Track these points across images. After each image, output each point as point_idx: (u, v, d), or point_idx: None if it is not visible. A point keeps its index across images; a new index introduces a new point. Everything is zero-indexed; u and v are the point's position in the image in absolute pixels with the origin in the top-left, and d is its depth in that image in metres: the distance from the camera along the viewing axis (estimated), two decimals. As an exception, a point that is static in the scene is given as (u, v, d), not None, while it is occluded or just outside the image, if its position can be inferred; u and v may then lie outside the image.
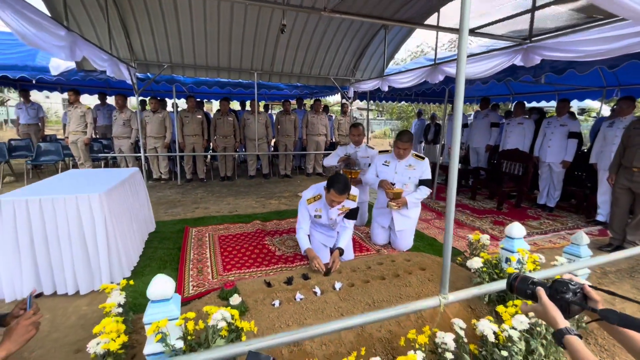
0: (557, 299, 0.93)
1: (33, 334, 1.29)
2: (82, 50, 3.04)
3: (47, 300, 2.29)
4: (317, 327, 1.13)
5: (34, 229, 2.17)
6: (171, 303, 1.34)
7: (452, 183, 1.40)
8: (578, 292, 0.93)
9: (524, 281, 1.02)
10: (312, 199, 2.77)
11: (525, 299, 1.01)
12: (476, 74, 3.72)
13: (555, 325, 0.88)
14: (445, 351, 1.44)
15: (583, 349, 0.81)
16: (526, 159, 5.10)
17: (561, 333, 0.85)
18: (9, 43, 5.34)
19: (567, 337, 0.84)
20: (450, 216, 1.32)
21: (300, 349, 1.65)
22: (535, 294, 0.97)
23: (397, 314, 1.23)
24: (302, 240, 2.74)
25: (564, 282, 0.94)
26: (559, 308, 0.91)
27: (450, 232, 1.30)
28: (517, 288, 1.03)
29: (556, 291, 0.94)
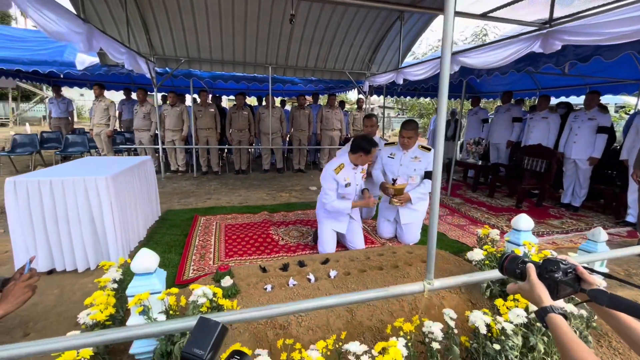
0: (546, 277, 0.86)
1: (29, 295, 1.35)
2: (99, 41, 3.16)
3: (56, 277, 2.41)
4: (289, 305, 1.11)
5: (45, 208, 2.28)
6: (154, 277, 1.36)
7: (437, 167, 1.32)
8: (570, 272, 0.85)
9: (513, 260, 0.95)
10: (338, 168, 2.78)
11: (515, 280, 0.94)
12: (491, 64, 3.55)
13: (539, 304, 0.82)
14: (433, 341, 1.37)
15: (566, 328, 0.75)
16: (549, 154, 4.82)
17: (544, 311, 0.79)
18: (39, 40, 5.69)
19: (550, 315, 0.78)
20: (436, 196, 1.25)
21: (286, 332, 1.63)
22: (524, 273, 0.90)
23: (375, 296, 1.19)
24: (341, 204, 2.79)
25: (555, 261, 0.87)
26: (546, 287, 0.84)
27: (436, 210, 1.23)
28: (506, 268, 0.97)
29: (545, 270, 0.87)
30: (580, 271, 0.85)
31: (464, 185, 6.28)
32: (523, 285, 0.89)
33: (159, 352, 1.34)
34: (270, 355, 1.22)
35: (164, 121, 6.15)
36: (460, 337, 1.48)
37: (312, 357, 1.17)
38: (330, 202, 2.77)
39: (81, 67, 5.42)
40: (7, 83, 16.29)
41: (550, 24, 3.13)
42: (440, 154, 1.32)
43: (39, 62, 5.25)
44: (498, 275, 1.38)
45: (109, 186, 2.36)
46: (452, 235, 3.57)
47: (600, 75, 5.76)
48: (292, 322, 1.68)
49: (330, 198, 2.77)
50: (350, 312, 1.79)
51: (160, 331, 1.02)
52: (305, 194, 5.26)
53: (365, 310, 1.81)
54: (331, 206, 2.77)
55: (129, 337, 1.01)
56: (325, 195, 2.79)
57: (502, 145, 6.13)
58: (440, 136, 1.31)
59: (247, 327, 1.63)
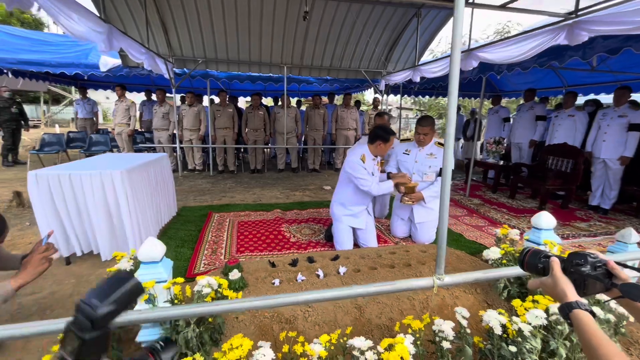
0: (571, 272, 0.79)
1: (46, 266, 1.39)
2: (119, 41, 3.27)
3: (74, 267, 2.50)
4: (290, 295, 1.08)
5: (67, 200, 2.37)
6: (160, 266, 1.36)
7: (447, 162, 1.26)
8: (599, 267, 0.78)
9: (536, 255, 0.89)
10: (362, 157, 2.78)
11: (537, 276, 0.87)
12: (512, 58, 3.40)
13: (563, 299, 0.75)
14: (443, 340, 1.31)
15: (593, 326, 0.68)
16: (575, 154, 4.58)
17: (569, 307, 0.72)
18: (66, 44, 5.97)
19: (575, 311, 0.71)
20: (446, 188, 1.19)
21: (292, 326, 1.60)
22: (547, 268, 0.83)
23: (380, 290, 1.13)
24: (384, 185, 2.82)
25: (582, 254, 0.80)
26: (572, 282, 0.77)
27: (446, 205, 1.17)
28: (527, 263, 0.90)
29: (571, 263, 0.80)
30: (611, 266, 0.77)
31: (484, 186, 6.07)
32: (546, 280, 0.82)
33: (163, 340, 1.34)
34: (273, 348, 1.19)
35: (182, 121, 6.29)
36: (474, 337, 1.40)
37: (315, 350, 1.14)
38: (372, 186, 2.74)
39: (104, 68, 5.64)
40: (39, 87, 17.17)
41: (576, 13, 2.97)
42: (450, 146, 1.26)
43: (65, 64, 5.51)
44: (516, 272, 1.30)
45: (124, 179, 2.41)
46: (470, 236, 3.44)
47: (632, 71, 5.43)
48: (298, 317, 1.65)
49: (369, 182, 2.74)
50: (358, 309, 1.74)
51: (157, 317, 1.01)
52: (319, 193, 5.23)
53: (374, 308, 1.76)
54: (377, 189, 2.77)
55: (128, 322, 1.01)
56: (364, 182, 2.74)
57: (525, 145, 5.88)
58: (450, 130, 1.24)
59: (253, 320, 1.61)
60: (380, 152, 2.81)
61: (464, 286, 1.96)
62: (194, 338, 1.33)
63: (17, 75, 6.05)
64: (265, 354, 1.11)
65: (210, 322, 1.41)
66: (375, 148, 2.78)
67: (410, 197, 2.94)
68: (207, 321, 1.40)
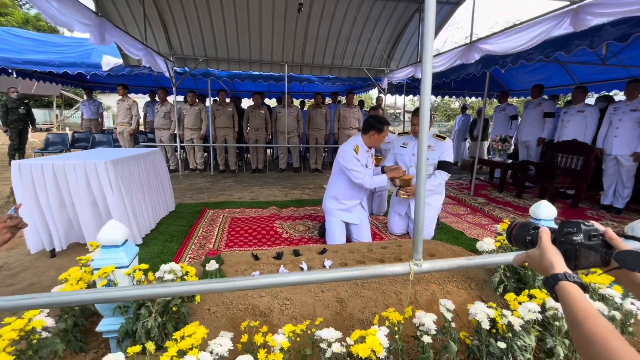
0: (562, 241, 0.67)
1: (8, 237, 1.32)
2: (111, 35, 3.25)
3: (57, 260, 2.44)
4: (247, 279, 0.98)
5: (49, 191, 2.33)
6: (121, 250, 1.28)
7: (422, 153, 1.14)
8: (594, 237, 0.66)
9: (524, 227, 0.77)
10: (356, 148, 2.69)
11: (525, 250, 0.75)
12: (516, 48, 3.26)
13: (549, 271, 0.63)
14: (424, 334, 1.18)
15: (580, 298, 0.56)
16: (586, 150, 4.38)
17: (555, 279, 0.61)
18: (70, 45, 6.07)
19: (561, 283, 0.60)
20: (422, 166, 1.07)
21: (267, 320, 1.50)
22: (535, 240, 0.72)
23: (351, 275, 1.02)
24: (378, 178, 2.71)
25: (575, 222, 0.68)
26: (562, 254, 0.66)
27: (423, 178, 1.05)
28: (515, 237, 0.79)
29: (561, 232, 0.68)
30: (609, 236, 0.64)
31: (490, 185, 5.88)
32: (532, 252, 0.71)
33: (123, 330, 1.25)
34: (234, 338, 1.09)
35: (183, 120, 6.29)
36: (460, 333, 1.27)
37: (277, 341, 1.03)
38: (365, 178, 2.64)
39: (106, 68, 5.69)
40: (51, 91, 17.59)
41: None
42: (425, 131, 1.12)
43: (68, 64, 5.57)
44: (506, 258, 1.17)
45: (109, 170, 2.36)
46: (471, 234, 3.29)
47: (646, 65, 5.21)
48: (274, 310, 1.55)
49: (362, 174, 2.64)
50: (340, 303, 1.63)
51: (104, 298, 0.92)
52: (318, 192, 5.13)
53: (357, 302, 1.64)
54: (371, 182, 2.66)
55: (78, 301, 0.92)
56: (357, 174, 2.63)
57: (533, 143, 5.67)
58: (425, 123, 1.13)
59: (226, 312, 1.52)
60: (374, 143, 2.70)
61: (457, 281, 1.83)
62: (155, 328, 1.24)
63: (23, 76, 6.14)
64: (222, 344, 1.01)
65: (174, 311, 1.32)
66: (369, 139, 2.68)
67: (406, 190, 2.82)
68: (172, 311, 1.31)
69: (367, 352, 1.00)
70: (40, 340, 1.15)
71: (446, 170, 2.84)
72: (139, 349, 1.00)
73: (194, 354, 0.94)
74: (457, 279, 1.84)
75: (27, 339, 1.11)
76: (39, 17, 23.94)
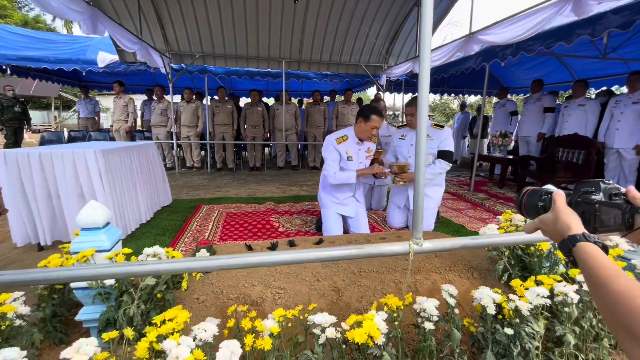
0: (579, 202, 0.60)
1: None
2: (104, 25, 3.19)
3: (46, 253, 2.36)
4: (236, 257, 0.90)
5: (35, 181, 2.25)
6: (102, 233, 1.20)
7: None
8: (615, 195, 0.58)
9: (535, 193, 0.70)
10: (341, 138, 2.60)
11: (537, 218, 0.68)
12: (515, 37, 3.21)
13: (565, 233, 0.57)
14: (425, 320, 1.10)
15: (602, 257, 0.50)
16: (587, 144, 4.31)
17: (572, 240, 0.54)
18: (66, 42, 6.00)
19: (580, 244, 0.53)
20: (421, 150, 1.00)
21: (259, 309, 1.42)
22: (548, 206, 0.64)
23: (347, 254, 0.95)
24: (345, 174, 2.56)
25: (593, 182, 0.60)
26: (579, 216, 0.59)
27: (422, 159, 0.98)
28: (525, 205, 0.71)
29: (578, 193, 0.61)
30: (632, 195, 0.57)
31: (490, 181, 5.81)
32: (545, 216, 0.63)
33: (104, 319, 1.17)
34: (220, 325, 1.01)
35: (180, 117, 6.22)
36: (463, 319, 1.19)
37: (266, 326, 0.95)
38: (330, 172, 2.55)
39: (102, 64, 5.62)
40: (50, 92, 17.51)
41: (583, -16, 2.76)
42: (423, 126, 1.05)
43: (63, 60, 5.50)
44: (513, 238, 1.10)
45: (98, 160, 2.28)
46: (472, 228, 3.21)
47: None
48: (267, 299, 1.47)
49: (332, 169, 2.56)
50: (336, 292, 1.55)
51: (74, 275, 0.84)
52: (316, 189, 5.00)
53: (354, 291, 1.56)
54: (334, 178, 2.55)
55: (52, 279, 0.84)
56: (327, 167, 2.57)
57: (533, 138, 5.60)
58: (423, 113, 1.06)
59: (215, 301, 1.44)
60: (362, 133, 2.60)
61: (460, 270, 1.75)
62: (138, 316, 1.16)
63: (18, 73, 6.07)
64: (207, 329, 0.93)
65: (159, 299, 1.24)
66: (358, 128, 2.60)
67: (402, 177, 2.75)
68: (156, 298, 1.23)
69: (363, 337, 0.93)
70: (12, 328, 1.07)
71: (447, 159, 2.76)
72: (116, 334, 0.92)
73: (174, 339, 0.86)
74: (459, 268, 1.77)
75: (-4, 326, 1.03)
76: (38, 19, 23.94)
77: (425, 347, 1.12)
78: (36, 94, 17.44)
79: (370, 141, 2.72)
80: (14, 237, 2.33)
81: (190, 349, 0.82)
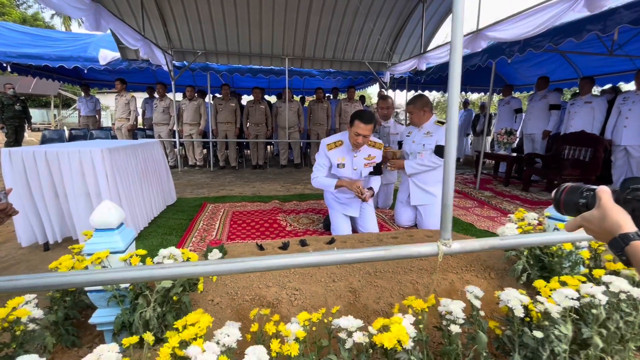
0: (628, 200, 0.58)
1: None
2: (107, 22, 3.14)
3: (52, 253, 2.33)
4: (262, 259, 0.87)
5: (42, 180, 2.21)
6: (116, 234, 1.17)
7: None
8: None
9: (575, 190, 0.67)
10: (333, 144, 2.52)
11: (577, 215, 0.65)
12: (524, 34, 3.16)
13: (616, 231, 0.55)
14: (451, 323, 1.07)
15: None
16: (594, 141, 4.28)
17: (624, 239, 0.53)
18: (67, 40, 5.94)
19: (634, 243, 0.52)
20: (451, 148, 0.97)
21: (275, 311, 1.39)
22: (591, 203, 0.62)
23: (373, 256, 0.92)
24: (326, 181, 2.47)
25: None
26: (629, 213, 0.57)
27: (452, 155, 0.94)
28: (564, 202, 0.68)
29: (626, 190, 0.59)
30: None
31: (495, 180, 5.77)
32: (589, 214, 0.60)
33: (119, 322, 1.14)
34: (242, 328, 0.98)
35: (182, 115, 6.17)
36: (489, 322, 1.16)
37: (291, 330, 0.92)
38: (315, 176, 2.52)
39: (104, 62, 5.56)
40: (49, 90, 17.41)
41: (596, -22, 2.72)
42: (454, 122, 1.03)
43: (64, 57, 5.44)
44: (546, 239, 1.06)
45: (105, 158, 2.24)
46: (481, 226, 3.18)
47: (654, 56, 5.11)
48: (282, 300, 1.44)
49: (315, 172, 2.52)
50: (353, 293, 1.52)
51: (97, 280, 0.81)
52: (321, 187, 5.02)
53: (371, 292, 1.53)
54: (315, 181, 2.52)
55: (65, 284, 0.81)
56: (314, 170, 2.54)
57: (538, 136, 5.57)
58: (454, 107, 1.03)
59: (230, 303, 1.41)
60: (350, 138, 2.43)
61: (476, 270, 1.72)
62: (154, 319, 1.13)
63: (19, 71, 6.01)
64: (230, 334, 0.90)
65: (175, 301, 1.20)
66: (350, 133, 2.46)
67: (391, 162, 2.78)
68: (172, 300, 1.20)
69: (392, 342, 0.89)
70: (26, 333, 1.03)
71: (440, 155, 2.69)
72: (136, 339, 0.88)
73: (199, 344, 0.83)
74: (475, 268, 1.73)
75: (10, 331, 1.00)
76: (37, 17, 23.79)
77: (451, 351, 1.09)
78: (35, 92, 17.36)
79: (373, 147, 2.56)
80: (19, 237, 2.30)
81: (216, 355, 0.79)
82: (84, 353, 1.30)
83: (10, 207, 1.31)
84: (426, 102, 2.80)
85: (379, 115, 3.60)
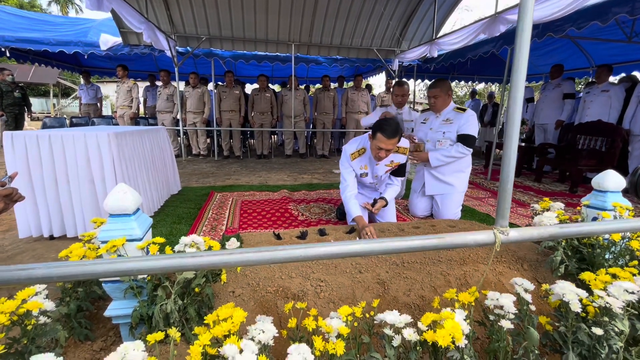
0: None
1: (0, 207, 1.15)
2: (110, 2, 2.99)
3: (57, 242, 2.24)
4: (299, 247, 0.77)
5: (44, 165, 2.10)
6: (132, 220, 1.07)
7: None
8: None
9: None
10: (357, 152, 2.38)
11: None
12: (548, 16, 3.01)
13: None
14: (501, 318, 0.98)
15: None
16: (612, 131, 4.15)
17: None
18: (66, 24, 5.75)
19: None
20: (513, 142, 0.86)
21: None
22: None
23: (423, 245, 0.82)
24: (351, 205, 2.23)
25: None
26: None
27: (514, 141, 0.84)
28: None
29: None
30: None
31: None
32: None
33: (137, 315, 1.05)
34: (276, 323, 0.89)
35: (186, 103, 6.03)
36: (539, 317, 1.07)
37: (333, 326, 0.83)
38: (344, 192, 2.33)
39: (105, 47, 5.39)
40: (48, 79, 17.16)
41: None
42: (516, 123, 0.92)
43: (64, 42, 5.27)
44: (612, 227, 0.96)
45: (111, 142, 2.13)
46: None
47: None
48: (308, 292, 1.35)
49: (344, 184, 2.36)
50: (382, 285, 1.43)
51: (122, 269, 0.72)
52: (329, 176, 4.92)
53: (401, 284, 1.44)
54: (344, 196, 2.33)
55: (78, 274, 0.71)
56: (342, 181, 2.40)
57: (551, 126, 5.43)
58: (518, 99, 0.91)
59: (253, 295, 1.32)
60: (372, 150, 2.24)
61: (508, 261, 1.63)
62: (175, 312, 1.04)
63: (17, 57, 5.84)
64: (265, 330, 0.80)
65: (197, 293, 1.11)
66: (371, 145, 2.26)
67: (414, 155, 2.64)
68: (193, 292, 1.11)
69: (447, 339, 0.80)
70: (37, 327, 0.94)
71: (466, 144, 2.55)
72: (162, 336, 0.79)
73: (233, 342, 0.73)
74: (506, 259, 1.64)
75: (21, 325, 0.91)
76: (34, 4, 23.34)
77: (500, 348, 1.00)
78: (34, 80, 17.11)
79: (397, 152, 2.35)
80: (21, 225, 2.21)
81: (255, 354, 0.70)
82: (97, 347, 1.22)
83: (15, 192, 1.21)
84: (450, 87, 2.67)
85: (393, 101, 3.48)
